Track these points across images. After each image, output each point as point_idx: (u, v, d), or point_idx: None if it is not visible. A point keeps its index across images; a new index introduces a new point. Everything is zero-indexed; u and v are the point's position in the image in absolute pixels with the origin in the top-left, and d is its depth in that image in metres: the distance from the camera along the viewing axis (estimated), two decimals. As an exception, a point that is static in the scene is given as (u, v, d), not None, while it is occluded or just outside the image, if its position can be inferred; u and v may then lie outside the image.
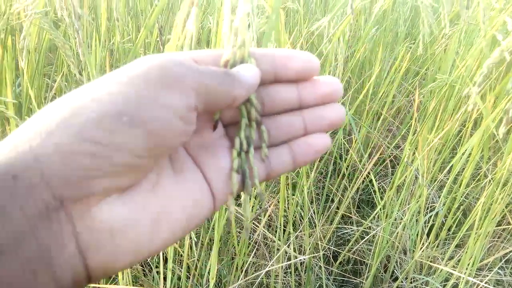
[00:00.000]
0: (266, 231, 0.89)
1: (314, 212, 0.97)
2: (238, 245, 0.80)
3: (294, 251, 0.91)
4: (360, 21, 1.18)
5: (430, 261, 0.93)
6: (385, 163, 1.20)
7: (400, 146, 1.26)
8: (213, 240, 0.59)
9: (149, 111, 0.18)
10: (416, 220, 0.95)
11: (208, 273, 0.73)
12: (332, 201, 1.10)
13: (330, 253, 1.06)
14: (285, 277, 0.92)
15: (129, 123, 0.17)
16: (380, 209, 0.93)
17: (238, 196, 0.24)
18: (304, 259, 0.91)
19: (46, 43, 0.65)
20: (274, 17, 0.38)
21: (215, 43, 0.49)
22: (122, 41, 0.69)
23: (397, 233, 0.95)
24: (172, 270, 0.70)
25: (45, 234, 0.16)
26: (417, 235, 0.92)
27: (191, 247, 0.75)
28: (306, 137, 0.24)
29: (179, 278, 0.75)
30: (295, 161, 0.24)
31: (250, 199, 0.23)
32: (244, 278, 0.82)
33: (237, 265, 0.79)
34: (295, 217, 0.95)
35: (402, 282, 0.92)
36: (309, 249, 0.89)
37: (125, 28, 0.80)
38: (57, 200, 0.16)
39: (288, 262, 0.76)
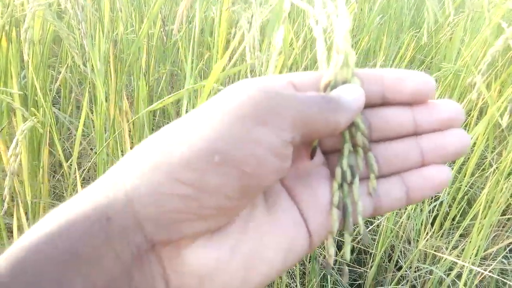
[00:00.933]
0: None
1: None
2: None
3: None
4: (365, 9, 1.17)
5: (435, 251, 0.94)
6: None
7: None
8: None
9: (242, 149, 0.17)
10: (421, 210, 0.95)
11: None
12: (337, 191, 1.10)
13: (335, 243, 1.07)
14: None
15: (221, 163, 0.16)
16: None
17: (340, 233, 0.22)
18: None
19: (50, 35, 0.65)
20: (278, 7, 0.38)
21: (219, 33, 0.49)
22: (126, 32, 0.69)
23: (401, 222, 0.95)
24: None
25: (138, 277, 0.16)
26: (421, 224, 0.92)
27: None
28: (422, 168, 0.21)
29: None
30: (408, 197, 0.21)
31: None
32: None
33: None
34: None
35: (406, 271, 0.92)
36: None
37: (128, 19, 0.80)
38: (148, 243, 0.16)
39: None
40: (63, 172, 0.84)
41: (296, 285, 0.88)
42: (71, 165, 0.79)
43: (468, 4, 0.45)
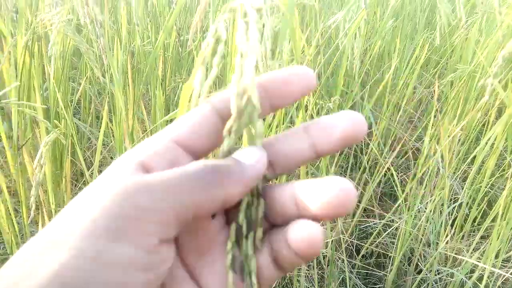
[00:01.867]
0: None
1: (335, 206, 0.97)
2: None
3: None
4: (378, 13, 1.17)
5: (455, 253, 0.92)
6: (407, 156, 1.19)
7: (422, 138, 1.25)
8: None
9: (94, 281, 0.15)
10: (440, 212, 0.94)
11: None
12: (354, 194, 1.10)
13: (353, 247, 1.06)
14: (308, 270, 0.93)
15: None
16: (402, 201, 0.93)
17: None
18: (327, 252, 0.92)
19: (70, 49, 0.68)
20: (289, 16, 0.39)
21: (232, 42, 0.50)
22: (143, 43, 0.72)
23: (420, 225, 0.94)
24: None
25: None
26: (441, 226, 0.91)
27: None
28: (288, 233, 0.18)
29: None
30: (295, 251, 0.18)
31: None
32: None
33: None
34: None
35: (426, 274, 0.91)
36: (331, 242, 0.90)
37: (144, 31, 0.82)
38: None
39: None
40: (84, 180, 0.87)
41: (314, 290, 0.88)
42: (92, 173, 0.81)
43: (479, 5, 0.45)
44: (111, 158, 0.96)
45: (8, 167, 0.63)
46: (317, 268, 0.89)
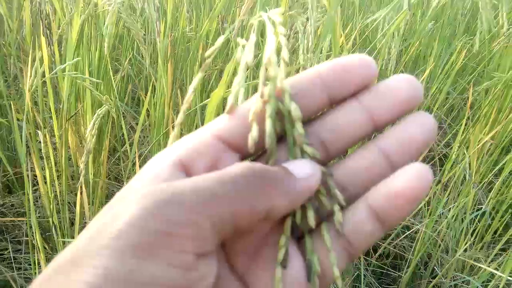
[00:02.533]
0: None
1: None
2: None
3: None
4: (417, 14, 1.16)
5: (474, 261, 0.92)
6: (433, 161, 1.19)
7: (451, 145, 1.24)
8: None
9: None
10: (462, 219, 0.94)
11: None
12: (376, 194, 1.11)
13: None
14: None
15: None
16: (424, 205, 0.93)
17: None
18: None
19: (116, 30, 0.71)
20: (332, 13, 0.41)
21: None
22: (184, 30, 0.74)
23: (441, 230, 0.94)
24: None
25: None
26: (461, 234, 0.92)
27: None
28: (388, 183, 0.16)
29: None
30: (383, 224, 0.16)
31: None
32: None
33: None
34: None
35: (441, 278, 0.92)
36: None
37: (186, 18, 0.85)
38: None
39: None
40: (118, 156, 0.91)
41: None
42: (125, 151, 0.85)
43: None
44: (144, 137, 1.00)
45: (51, 139, 0.67)
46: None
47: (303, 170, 0.16)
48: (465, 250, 0.91)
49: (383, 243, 1.04)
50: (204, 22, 0.74)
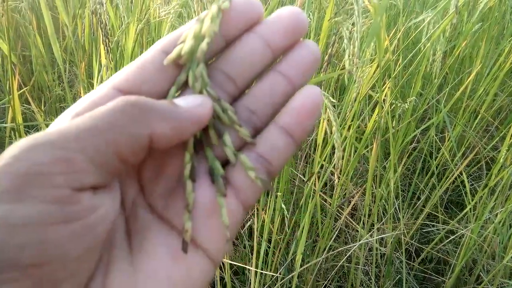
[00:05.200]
0: (350, 219, 0.92)
1: (398, 207, 0.98)
2: (321, 230, 0.85)
3: (376, 242, 0.93)
4: (464, 15, 1.13)
5: (522, 269, 0.89)
6: (479, 165, 1.15)
7: (498, 148, 1.20)
8: (299, 223, 0.64)
9: (9, 248, 0.13)
10: (510, 225, 0.91)
11: (293, 253, 0.79)
12: (418, 198, 1.09)
13: (413, 250, 1.06)
14: (365, 266, 0.95)
15: None
16: (470, 210, 0.91)
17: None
18: (386, 251, 0.93)
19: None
20: (378, 20, 0.42)
21: (320, 39, 0.53)
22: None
23: (487, 236, 0.92)
24: (260, 244, 0.77)
25: None
26: (509, 239, 0.89)
27: (280, 225, 0.82)
28: (290, 103, 0.18)
29: (266, 254, 0.82)
30: (294, 139, 0.18)
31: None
32: (325, 261, 0.86)
33: (319, 247, 0.84)
34: (378, 210, 0.97)
35: (487, 285, 0.90)
36: (391, 242, 0.91)
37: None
38: None
39: (369, 252, 0.78)
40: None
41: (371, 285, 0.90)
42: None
43: None
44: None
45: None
46: (374, 265, 0.91)
47: (192, 102, 0.17)
48: (513, 257, 0.88)
49: (426, 247, 1.03)
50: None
